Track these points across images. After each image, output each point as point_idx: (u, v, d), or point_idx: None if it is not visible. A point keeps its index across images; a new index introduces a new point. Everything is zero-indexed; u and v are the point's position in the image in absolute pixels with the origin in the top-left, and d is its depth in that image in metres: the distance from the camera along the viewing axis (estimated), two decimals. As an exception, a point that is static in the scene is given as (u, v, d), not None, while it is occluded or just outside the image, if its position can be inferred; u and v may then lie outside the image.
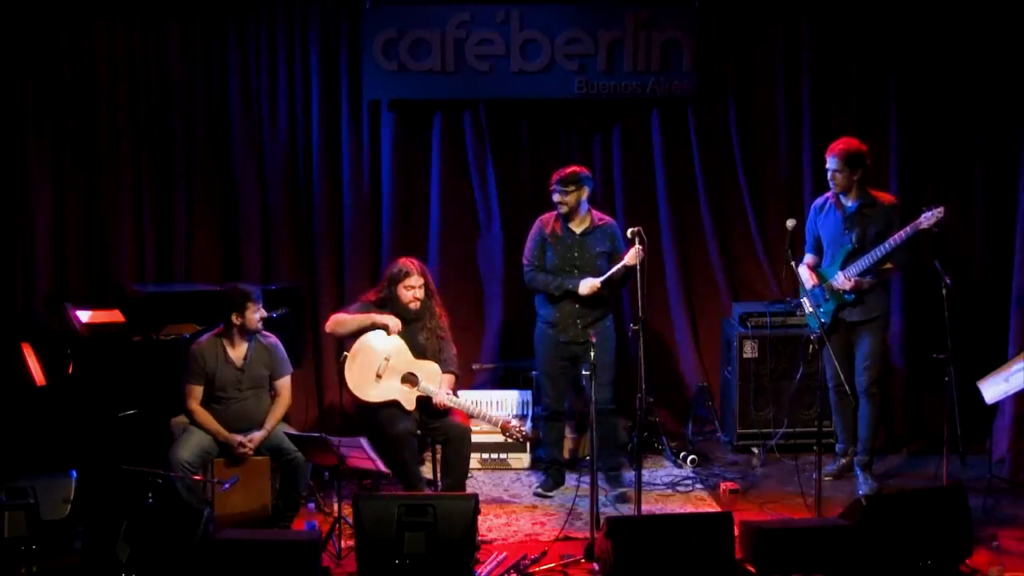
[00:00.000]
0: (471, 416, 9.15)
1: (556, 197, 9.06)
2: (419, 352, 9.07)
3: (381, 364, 8.93)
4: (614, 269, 8.87)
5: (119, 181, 10.66)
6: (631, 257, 8.64)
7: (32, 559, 7.88)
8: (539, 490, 9.48)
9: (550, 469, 9.55)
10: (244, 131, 10.80)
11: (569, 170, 9.03)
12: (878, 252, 9.12)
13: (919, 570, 7.77)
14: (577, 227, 9.15)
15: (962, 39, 10.76)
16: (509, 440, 9.52)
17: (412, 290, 8.97)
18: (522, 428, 9.33)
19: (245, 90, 10.78)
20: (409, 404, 8.88)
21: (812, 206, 9.48)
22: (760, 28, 10.97)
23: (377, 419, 8.76)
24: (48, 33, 10.46)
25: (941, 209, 8.96)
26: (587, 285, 8.91)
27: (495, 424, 9.22)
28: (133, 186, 10.71)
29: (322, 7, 10.73)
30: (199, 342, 8.82)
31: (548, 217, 9.25)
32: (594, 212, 9.21)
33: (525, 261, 9.31)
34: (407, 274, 8.98)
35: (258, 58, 10.79)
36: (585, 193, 9.06)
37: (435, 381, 9.03)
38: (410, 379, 8.96)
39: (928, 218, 8.95)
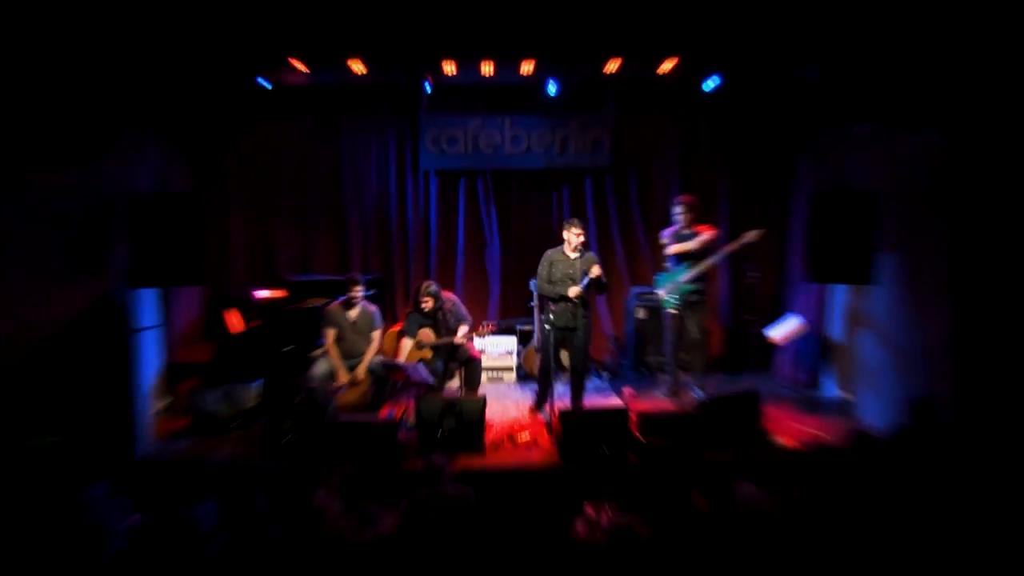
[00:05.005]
0: (461, 338, 8.95)
1: (575, 234, 8.46)
2: (445, 332, 9.02)
3: (421, 341, 9.01)
4: (589, 278, 8.32)
5: (280, 218, 10.71)
6: (595, 271, 8.31)
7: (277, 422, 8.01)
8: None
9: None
10: (352, 187, 10.73)
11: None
12: (714, 259, 8.95)
13: (736, 433, 7.97)
14: (573, 251, 8.51)
15: (765, 137, 10.49)
16: (484, 334, 9.28)
17: (424, 301, 8.90)
18: (487, 328, 9.24)
19: (354, 165, 10.71)
20: (426, 353, 8.94)
21: (669, 234, 9.09)
22: (649, 125, 10.66)
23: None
24: (237, 126, 10.40)
25: (763, 231, 8.89)
26: (572, 291, 8.35)
27: (473, 335, 9.17)
28: (287, 220, 10.72)
29: (396, 116, 10.62)
30: (331, 306, 8.97)
31: (556, 251, 8.60)
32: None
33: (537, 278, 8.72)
34: (424, 291, 8.93)
35: (366, 144, 10.67)
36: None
37: (431, 339, 8.97)
38: (418, 346, 9.02)
39: (751, 236, 8.83)
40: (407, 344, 9.00)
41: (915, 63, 7.89)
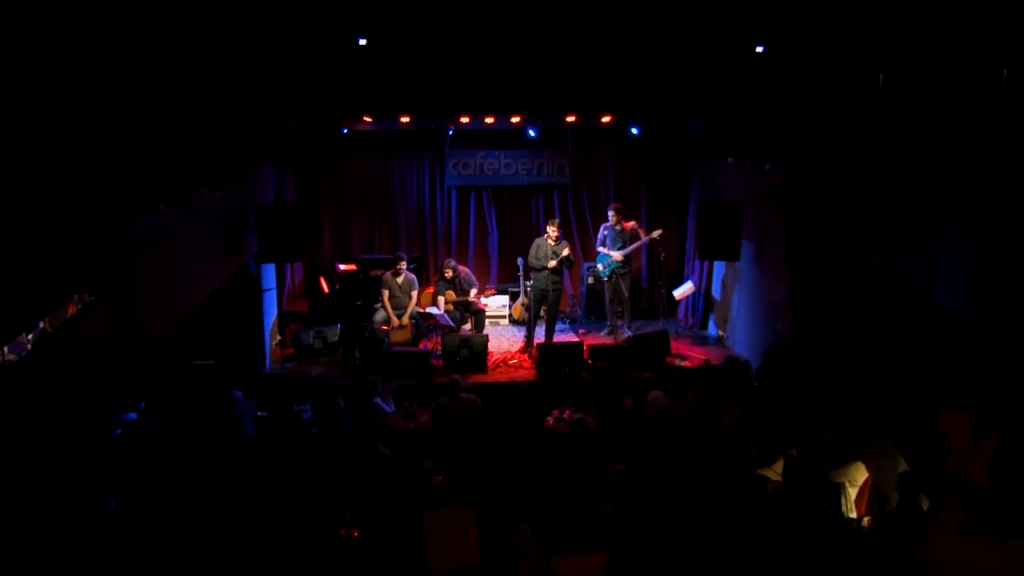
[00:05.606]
0: (472, 296, 8.82)
1: (553, 229, 8.44)
2: (460, 293, 8.88)
3: (444, 299, 8.82)
4: (561, 256, 8.35)
5: (354, 217, 10.48)
6: (565, 252, 8.35)
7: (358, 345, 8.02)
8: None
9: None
10: (400, 197, 10.50)
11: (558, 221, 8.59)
12: (633, 246, 8.93)
13: (652, 359, 8.04)
14: (552, 240, 8.42)
15: (669, 165, 10.27)
16: (487, 294, 9.20)
17: (447, 272, 8.79)
18: (489, 291, 9.31)
19: (402, 182, 10.48)
20: (449, 306, 8.79)
21: (605, 227, 9.06)
22: (595, 156, 10.46)
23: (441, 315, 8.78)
24: (326, 157, 10.20)
25: (661, 231, 8.94)
26: (551, 263, 8.34)
27: (480, 295, 8.97)
28: (358, 218, 10.49)
29: (429, 150, 10.33)
30: (385, 275, 8.89)
31: (541, 238, 8.55)
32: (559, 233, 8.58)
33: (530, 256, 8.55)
34: (446, 265, 8.87)
35: (410, 169, 10.42)
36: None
37: (452, 297, 8.80)
38: (448, 301, 8.84)
39: (657, 234, 8.87)
40: (441, 300, 8.92)
41: (760, 122, 8.18)
